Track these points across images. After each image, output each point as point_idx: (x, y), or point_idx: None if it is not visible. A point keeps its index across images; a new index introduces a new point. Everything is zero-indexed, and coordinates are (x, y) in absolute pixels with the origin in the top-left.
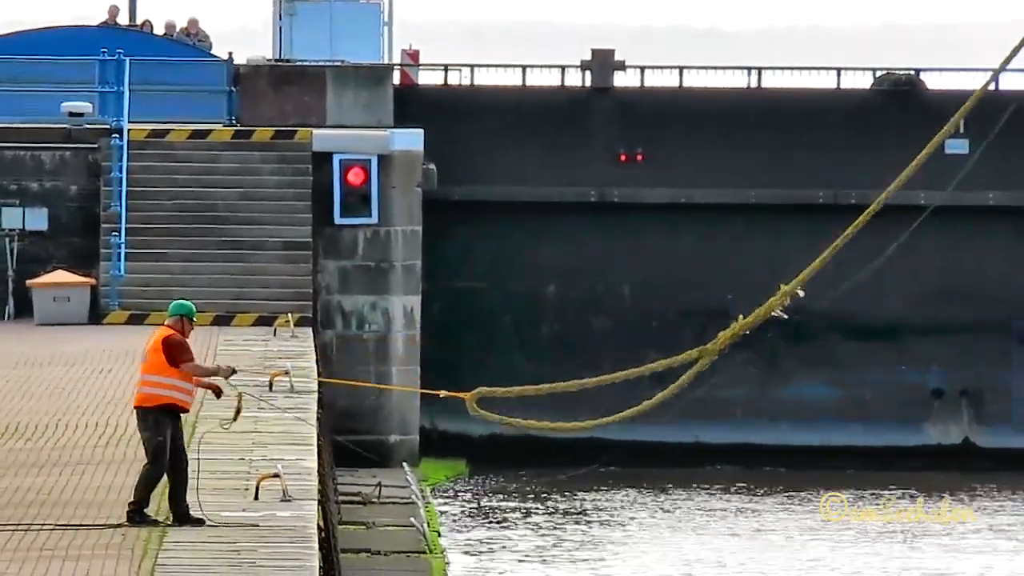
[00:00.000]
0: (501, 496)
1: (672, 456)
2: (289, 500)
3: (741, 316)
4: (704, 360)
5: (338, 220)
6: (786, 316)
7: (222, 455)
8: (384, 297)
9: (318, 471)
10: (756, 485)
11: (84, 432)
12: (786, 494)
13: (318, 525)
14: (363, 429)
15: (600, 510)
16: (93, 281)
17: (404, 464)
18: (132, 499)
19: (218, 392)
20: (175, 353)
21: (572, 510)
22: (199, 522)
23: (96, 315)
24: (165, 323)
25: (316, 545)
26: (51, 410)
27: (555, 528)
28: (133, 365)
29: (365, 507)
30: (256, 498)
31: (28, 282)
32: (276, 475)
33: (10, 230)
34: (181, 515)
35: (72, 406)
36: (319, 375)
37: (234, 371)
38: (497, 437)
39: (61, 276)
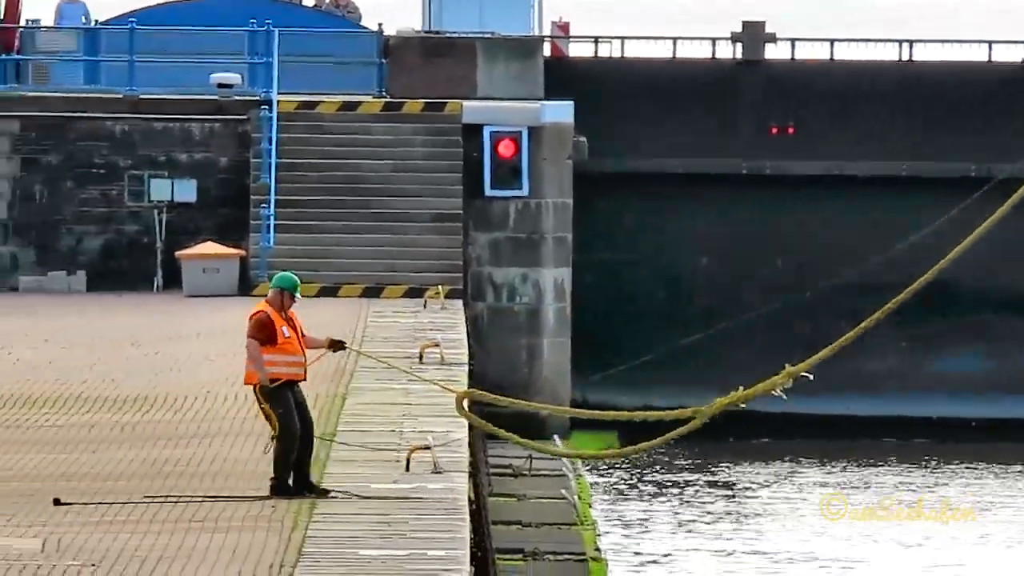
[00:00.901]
0: (652, 468)
1: (824, 428)
2: (440, 472)
3: (741, 387)
4: (697, 421)
5: (488, 192)
6: (785, 397)
7: (373, 427)
8: (535, 269)
9: (469, 443)
10: (907, 458)
11: (232, 403)
12: (937, 467)
13: (469, 497)
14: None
15: (750, 482)
16: (242, 253)
17: (555, 436)
18: (272, 475)
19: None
20: (250, 330)
21: (722, 482)
22: (324, 493)
23: (245, 287)
24: (266, 295)
25: (467, 517)
26: (199, 381)
27: (705, 500)
28: None
29: (516, 479)
30: (407, 470)
31: (177, 254)
32: (427, 447)
33: (159, 202)
34: (306, 485)
35: (220, 378)
36: (469, 347)
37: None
38: (649, 409)
39: (210, 248)
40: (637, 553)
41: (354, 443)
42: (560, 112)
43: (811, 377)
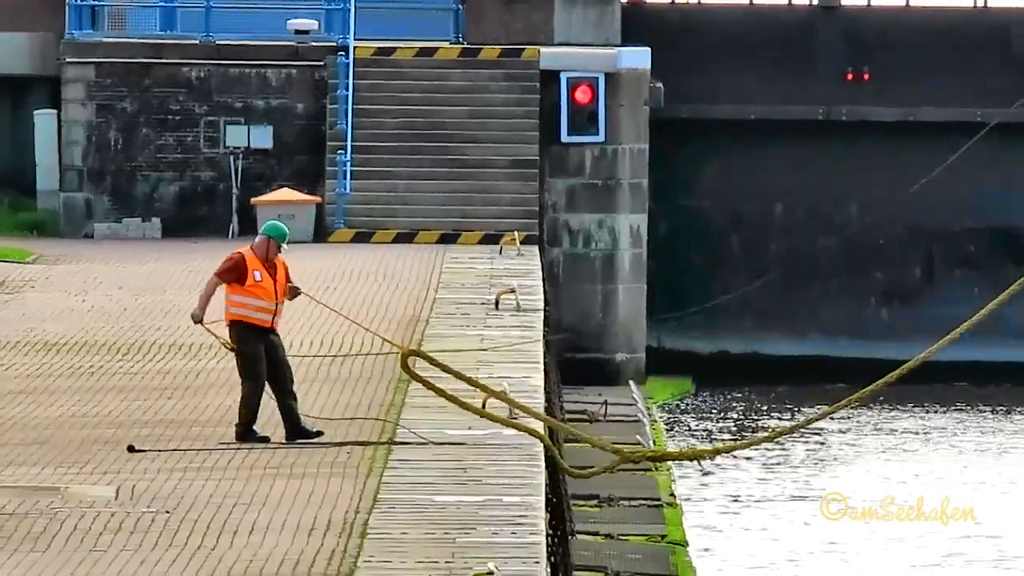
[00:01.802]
0: (727, 414)
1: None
2: (516, 418)
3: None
4: (772, 435)
5: (565, 138)
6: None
7: (447, 373)
8: (611, 215)
9: (544, 389)
10: (983, 402)
11: (309, 350)
12: (1013, 411)
13: (544, 443)
14: (590, 347)
15: (826, 427)
16: (318, 199)
17: (630, 382)
18: (237, 420)
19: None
20: (219, 267)
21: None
22: (318, 434)
23: (321, 234)
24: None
25: (543, 463)
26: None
27: (781, 446)
28: (358, 283)
29: (592, 425)
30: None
31: (253, 200)
32: (502, 393)
33: (235, 148)
34: (295, 430)
35: (295, 325)
36: (545, 294)
37: (199, 321)
38: (724, 355)
39: (286, 194)
40: (711, 499)
41: (427, 390)
42: (637, 58)
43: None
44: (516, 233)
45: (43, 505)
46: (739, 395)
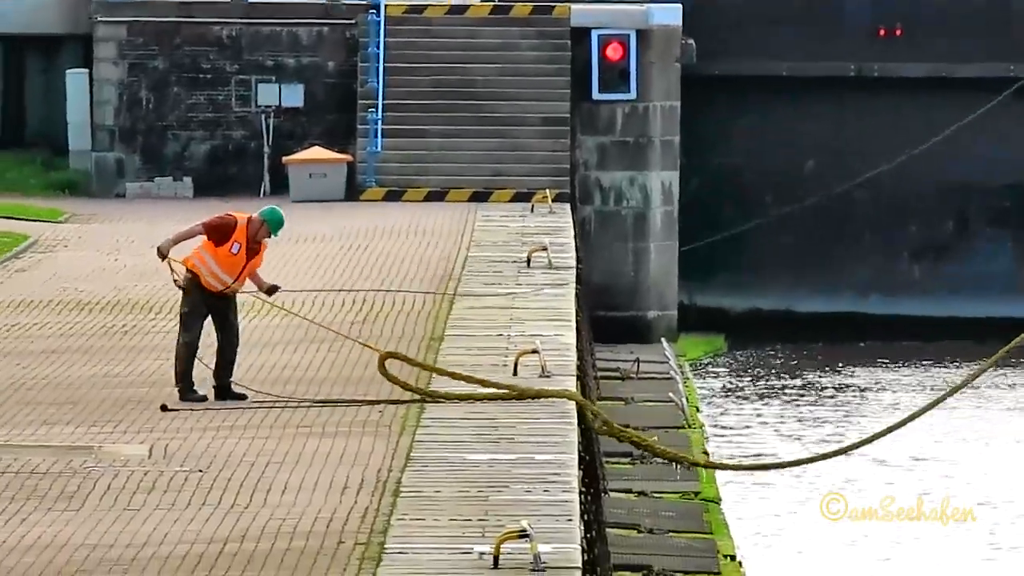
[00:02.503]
0: (759, 371)
1: (931, 330)
2: (548, 376)
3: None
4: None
5: (596, 96)
6: None
7: (480, 331)
8: (642, 173)
9: (577, 347)
10: (1015, 360)
11: (340, 309)
12: None
13: (577, 400)
14: (622, 305)
15: (858, 385)
16: (349, 158)
17: (663, 340)
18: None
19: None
20: (210, 219)
21: (831, 385)
22: (241, 397)
23: (352, 192)
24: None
25: (575, 420)
26: (306, 286)
27: (813, 403)
28: (390, 241)
29: (623, 383)
30: (515, 374)
31: (284, 159)
32: (535, 351)
33: (266, 107)
34: (221, 389)
35: (328, 283)
36: (577, 251)
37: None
38: (756, 312)
39: (317, 153)
40: (745, 456)
41: (461, 347)
42: (668, 15)
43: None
44: (548, 191)
45: (77, 464)
46: (771, 352)
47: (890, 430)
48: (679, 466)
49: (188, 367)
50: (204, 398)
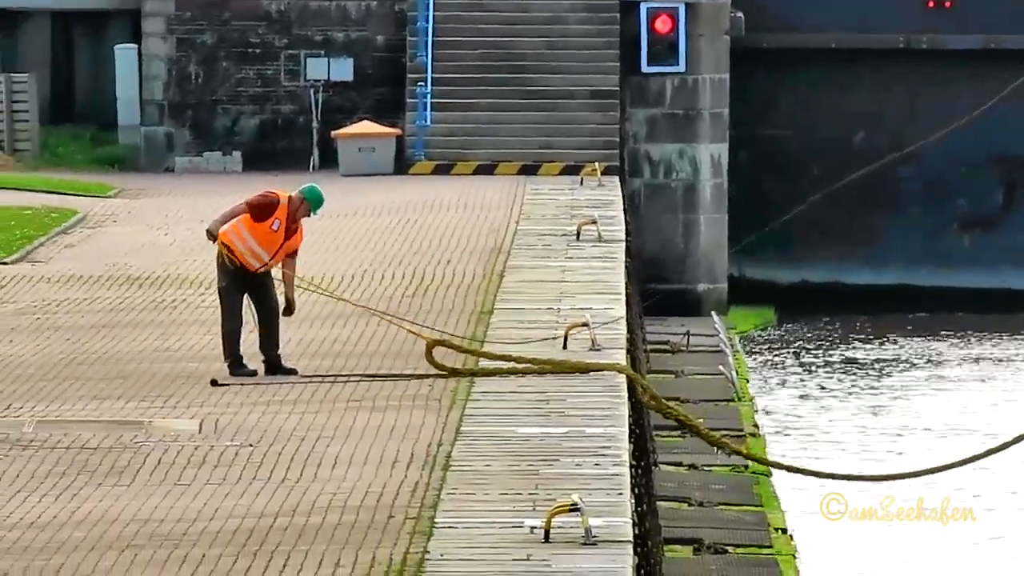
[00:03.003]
0: (809, 343)
1: (979, 302)
2: (598, 349)
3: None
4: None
5: (645, 68)
6: None
7: (530, 305)
8: (691, 145)
9: (627, 320)
10: None
11: (390, 283)
12: None
13: (627, 374)
14: (671, 278)
15: (907, 357)
16: (398, 131)
17: (712, 312)
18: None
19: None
20: (253, 198)
21: (879, 357)
22: (292, 372)
23: (401, 166)
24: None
25: (625, 394)
26: (356, 261)
27: (863, 375)
28: (439, 215)
29: (674, 356)
30: (564, 347)
31: (333, 133)
32: (585, 324)
33: (315, 81)
34: (271, 364)
35: (378, 257)
36: (626, 224)
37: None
38: (806, 284)
39: (366, 127)
40: (794, 429)
41: (513, 320)
42: None
43: None
44: (597, 164)
45: (127, 439)
46: (820, 324)
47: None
48: (728, 440)
49: (234, 342)
50: (254, 372)
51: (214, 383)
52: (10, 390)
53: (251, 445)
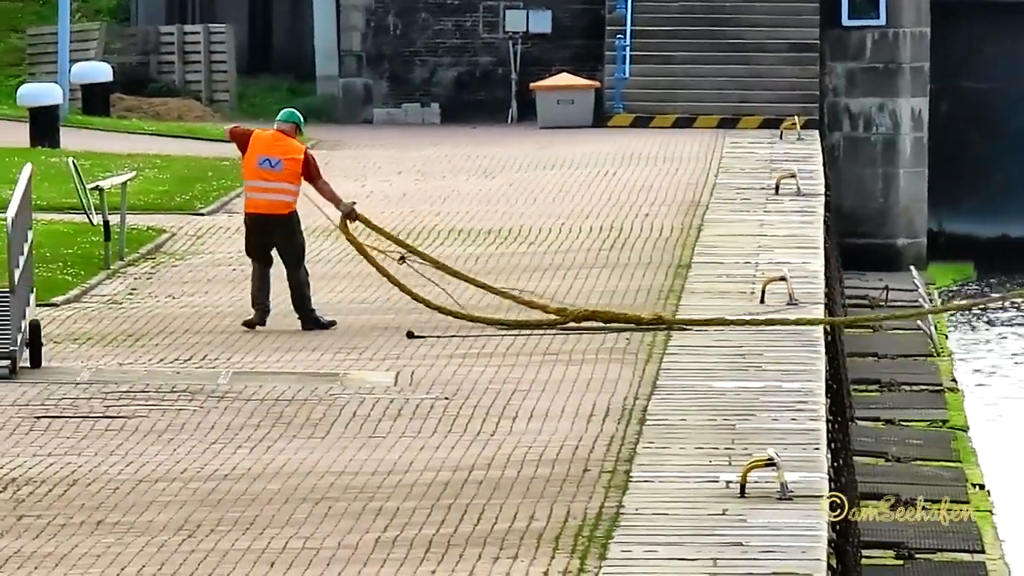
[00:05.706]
0: (1012, 300)
1: None
2: (795, 303)
3: None
4: None
5: (845, 21)
6: None
7: (727, 259)
8: (891, 99)
9: (825, 274)
10: None
11: (588, 236)
12: None
13: (824, 328)
14: (870, 232)
15: None
16: (597, 84)
17: (911, 267)
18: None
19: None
20: (318, 171)
21: None
22: (331, 324)
23: (600, 118)
24: (281, 128)
25: (823, 348)
26: (555, 213)
27: None
28: (637, 168)
29: (872, 310)
30: (762, 301)
31: (531, 85)
32: (782, 278)
33: (513, 33)
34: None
35: (576, 210)
36: (826, 178)
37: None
38: (1006, 239)
39: (565, 79)
40: (993, 385)
41: (709, 274)
42: None
43: None
44: (796, 117)
45: (323, 391)
46: (1020, 280)
47: None
48: (927, 393)
49: (303, 296)
50: (333, 323)
51: (410, 335)
52: (205, 341)
53: (446, 398)
